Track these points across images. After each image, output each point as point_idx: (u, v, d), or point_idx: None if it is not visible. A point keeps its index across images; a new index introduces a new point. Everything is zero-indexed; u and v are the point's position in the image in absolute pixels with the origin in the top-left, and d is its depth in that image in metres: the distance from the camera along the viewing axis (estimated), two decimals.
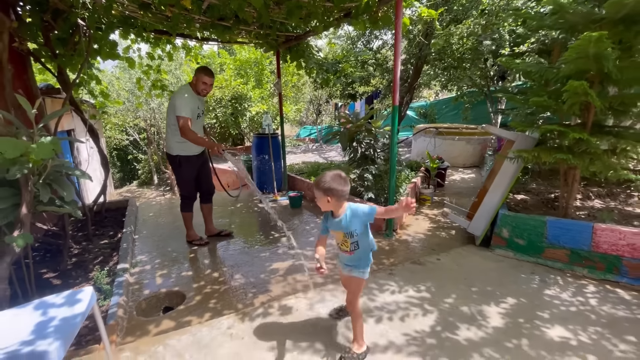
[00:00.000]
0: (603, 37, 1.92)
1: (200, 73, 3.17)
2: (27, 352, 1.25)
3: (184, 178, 3.34)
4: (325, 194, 1.67)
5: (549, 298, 2.35)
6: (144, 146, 11.26)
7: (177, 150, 3.21)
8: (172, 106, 3.10)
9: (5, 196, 2.05)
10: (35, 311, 1.54)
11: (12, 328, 1.43)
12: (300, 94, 11.64)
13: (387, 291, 2.50)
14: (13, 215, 2.08)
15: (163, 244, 3.63)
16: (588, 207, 3.25)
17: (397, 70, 3.17)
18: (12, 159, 1.95)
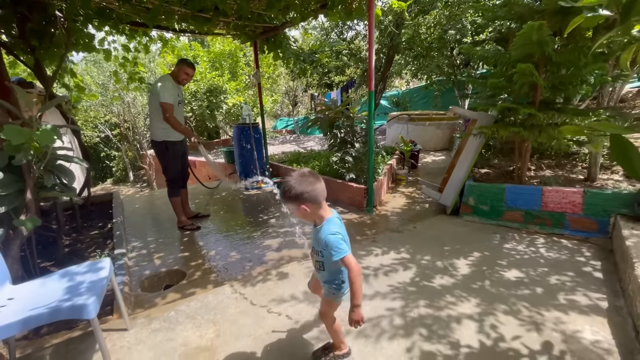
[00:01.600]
0: (543, 25, 2.29)
1: (184, 64, 3.44)
2: (68, 306, 1.43)
3: (172, 162, 3.49)
4: (298, 203, 1.36)
5: (507, 250, 2.77)
6: (116, 142, 10.95)
7: (161, 136, 3.40)
8: (155, 94, 3.30)
9: (10, 182, 2.14)
10: (62, 278, 1.70)
11: (45, 292, 1.60)
12: (276, 85, 11.73)
13: (372, 254, 2.82)
14: (18, 201, 2.18)
15: (155, 231, 3.76)
16: (540, 176, 3.73)
17: (371, 57, 3.46)
18: (16, 145, 2.06)
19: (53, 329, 2.12)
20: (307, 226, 3.58)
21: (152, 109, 3.38)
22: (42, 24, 3.76)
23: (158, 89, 3.28)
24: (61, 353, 1.86)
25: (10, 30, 3.56)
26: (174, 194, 3.62)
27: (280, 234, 3.44)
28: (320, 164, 5.35)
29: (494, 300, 2.11)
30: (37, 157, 2.28)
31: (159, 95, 3.27)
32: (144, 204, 5.06)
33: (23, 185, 2.19)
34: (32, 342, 1.98)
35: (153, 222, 4.15)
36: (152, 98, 3.37)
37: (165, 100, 3.26)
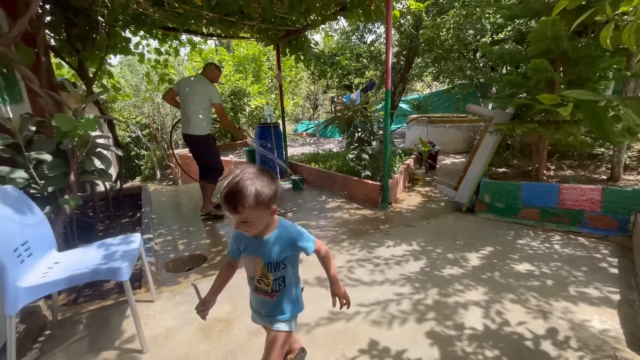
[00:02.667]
0: (557, 21, 2.31)
1: (218, 70, 3.94)
2: (106, 268, 1.62)
3: (217, 152, 3.90)
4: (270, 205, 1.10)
5: (520, 245, 2.76)
6: (146, 142, 11.56)
7: (207, 130, 3.79)
8: (206, 93, 3.69)
9: (57, 165, 2.41)
10: (99, 248, 1.91)
11: (85, 258, 1.80)
12: (297, 89, 12.00)
13: (383, 246, 2.90)
14: (63, 182, 2.43)
15: (179, 220, 4.00)
16: (560, 176, 3.67)
17: (388, 55, 3.55)
18: (64, 132, 2.32)
19: (88, 299, 2.35)
20: (323, 219, 3.70)
21: (201, 105, 3.68)
22: (86, 28, 4.14)
23: (209, 89, 3.70)
24: (96, 317, 2.07)
25: (58, 35, 3.94)
26: (214, 180, 3.94)
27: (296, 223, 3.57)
28: (338, 162, 5.47)
29: (502, 289, 2.13)
30: (80, 144, 2.54)
31: (212, 95, 3.69)
32: (170, 197, 5.35)
33: (68, 168, 2.45)
34: (71, 308, 2.21)
35: (178, 212, 4.41)
36: (201, 96, 3.68)
37: (218, 101, 3.74)
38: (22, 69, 2.26)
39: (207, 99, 3.69)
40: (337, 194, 4.77)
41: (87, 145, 2.57)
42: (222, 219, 3.93)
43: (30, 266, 1.63)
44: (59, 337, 1.88)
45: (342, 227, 3.42)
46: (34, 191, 2.32)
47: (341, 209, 4.10)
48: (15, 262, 1.50)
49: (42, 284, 1.52)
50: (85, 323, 2.02)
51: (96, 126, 2.40)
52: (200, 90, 3.69)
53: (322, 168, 5.40)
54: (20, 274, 1.51)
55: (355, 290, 2.20)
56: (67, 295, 2.38)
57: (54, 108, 2.45)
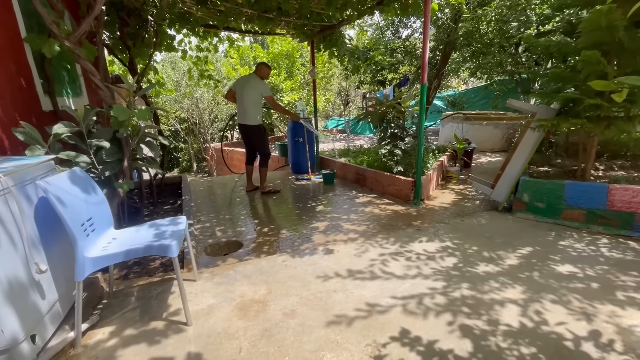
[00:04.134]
0: (613, 9, 2.18)
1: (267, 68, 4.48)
2: (158, 245, 1.77)
3: (267, 140, 4.57)
4: None
5: (562, 247, 2.64)
6: (184, 136, 12.14)
7: (259, 121, 4.44)
8: (257, 89, 4.29)
9: (113, 152, 2.63)
10: (150, 227, 2.08)
11: (139, 236, 1.98)
12: (329, 85, 12.03)
13: (415, 241, 2.89)
14: (118, 167, 2.66)
15: (216, 209, 4.20)
16: (609, 176, 3.43)
17: (425, 48, 3.50)
18: (120, 122, 2.53)
19: (137, 275, 2.56)
20: (353, 214, 3.74)
21: (251, 100, 4.29)
22: (136, 27, 4.44)
23: (259, 85, 4.29)
24: (145, 292, 2.25)
25: (112, 33, 4.27)
26: (266, 165, 4.65)
27: (327, 218, 3.64)
28: (369, 158, 5.46)
29: (542, 289, 2.07)
30: (133, 133, 2.76)
31: (262, 90, 4.29)
32: (206, 187, 5.61)
33: (122, 155, 2.67)
34: (123, 282, 2.43)
35: (214, 201, 4.63)
36: (254, 92, 4.27)
37: (269, 93, 4.36)
38: (87, 64, 2.49)
39: (258, 94, 4.28)
40: (368, 189, 4.78)
41: (139, 135, 2.78)
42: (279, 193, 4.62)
43: (93, 240, 1.81)
44: (114, 307, 2.08)
45: (373, 222, 3.44)
46: (92, 175, 2.56)
47: (372, 203, 4.11)
48: (82, 235, 1.68)
49: (105, 256, 1.69)
50: (136, 296, 2.22)
51: (147, 117, 2.60)
52: (253, 86, 4.26)
53: (353, 163, 5.41)
54: (87, 246, 1.70)
55: (389, 282, 2.23)
56: (119, 271, 2.61)
57: (111, 100, 2.68)
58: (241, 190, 5.08)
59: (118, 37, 4.26)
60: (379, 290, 2.13)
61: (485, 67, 8.60)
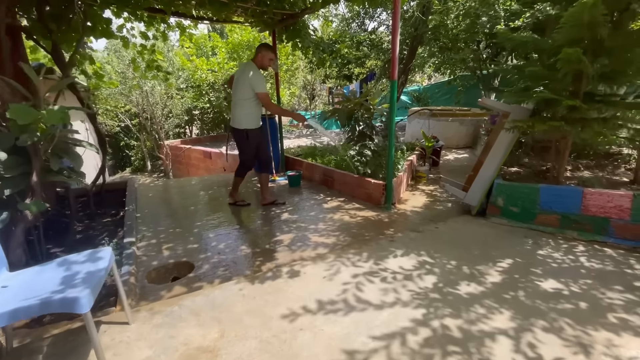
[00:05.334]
0: (598, 3, 2.00)
1: (266, 50, 3.46)
2: (59, 299, 1.31)
3: (249, 149, 3.60)
4: None
5: (541, 257, 2.50)
6: (136, 132, 11.08)
7: (244, 124, 3.47)
8: (248, 83, 3.33)
9: (15, 164, 2.07)
10: (59, 267, 1.60)
11: (40, 281, 1.49)
12: (294, 78, 11.55)
13: (390, 256, 2.62)
14: (24, 183, 2.10)
15: (166, 220, 3.66)
16: (578, 177, 3.40)
17: (395, 43, 3.22)
18: (23, 126, 1.97)
19: (55, 318, 2.03)
20: (322, 222, 3.41)
21: (242, 96, 3.40)
22: (60, 7, 3.72)
23: (253, 77, 3.30)
24: (59, 345, 1.76)
25: (28, 13, 3.53)
26: (240, 174, 3.81)
27: (293, 228, 3.28)
28: (337, 158, 5.15)
29: (531, 314, 1.87)
30: (45, 139, 2.20)
31: (254, 83, 3.31)
32: (158, 193, 5.00)
33: (29, 167, 2.11)
34: (32, 331, 1.90)
35: (166, 211, 4.08)
36: (243, 85, 3.36)
37: (261, 90, 3.34)
38: None
39: (249, 89, 3.35)
40: (337, 191, 4.48)
41: (53, 141, 2.22)
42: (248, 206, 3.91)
43: None
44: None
45: (343, 232, 3.13)
46: None
47: (341, 209, 3.81)
48: None
49: None
50: (46, 352, 1.72)
51: (61, 118, 2.05)
52: (244, 79, 3.36)
53: (319, 163, 5.08)
54: None
55: (365, 314, 1.92)
56: None
57: (11, 97, 2.09)
58: (196, 196, 4.56)
59: (37, 18, 3.53)
60: (354, 326, 1.82)
61: (449, 62, 8.63)
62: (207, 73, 9.45)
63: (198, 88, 9.54)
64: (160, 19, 4.79)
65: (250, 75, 3.30)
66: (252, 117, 3.48)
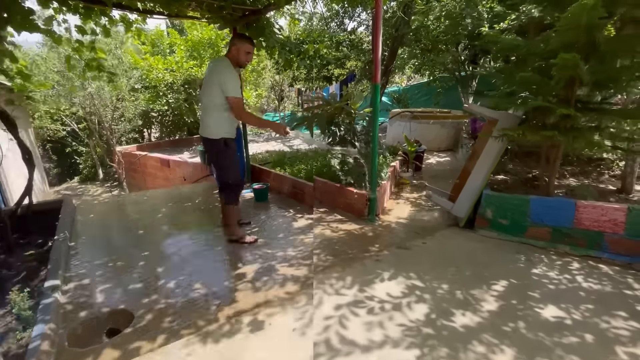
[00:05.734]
0: (598, 4, 1.83)
1: (241, 41, 2.74)
2: None
3: (233, 163, 2.89)
4: None
5: (537, 277, 2.33)
6: (84, 137, 10.22)
7: (220, 132, 2.79)
8: (217, 84, 2.67)
9: None
10: None
11: None
12: (261, 78, 11.08)
13: (377, 279, 2.37)
14: None
15: (107, 251, 3.07)
16: (564, 186, 3.30)
17: (377, 44, 2.99)
18: None
19: None
20: (292, 246, 3.04)
21: (212, 100, 2.75)
22: None
23: (221, 78, 2.65)
24: None
25: None
26: (234, 200, 2.98)
27: (259, 256, 2.82)
28: (307, 167, 4.74)
29: (535, 351, 1.67)
30: None
31: (221, 86, 2.66)
32: (104, 212, 4.34)
33: None
34: None
35: (108, 236, 3.50)
36: (211, 87, 2.72)
37: (233, 94, 2.65)
38: None
39: (219, 92, 2.68)
40: (307, 206, 4.01)
41: None
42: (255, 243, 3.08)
43: None
44: None
45: (325, 250, 2.85)
46: None
47: (322, 221, 3.53)
48: None
49: None
50: None
51: None
52: (211, 78, 2.71)
53: (289, 175, 4.65)
54: None
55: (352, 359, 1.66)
56: None
57: None
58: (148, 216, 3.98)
59: None
60: None
61: (428, 64, 8.55)
62: (164, 73, 8.81)
63: (154, 89, 8.86)
64: (99, 11, 4.22)
65: (220, 75, 2.64)
66: (228, 122, 2.81)
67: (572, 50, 2.28)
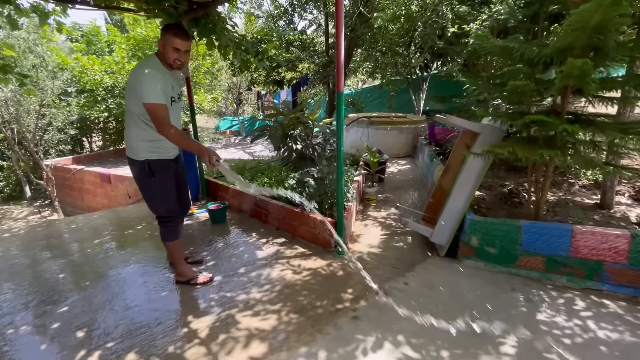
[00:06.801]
0: (619, 1, 1.46)
1: (167, 34, 2.04)
2: None
3: (162, 191, 2.26)
4: None
5: (545, 326, 1.95)
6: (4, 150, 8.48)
7: (143, 152, 2.16)
8: (133, 89, 2.04)
9: None
10: None
11: None
12: (216, 81, 10.14)
13: (358, 351, 1.81)
14: None
15: (9, 309, 2.28)
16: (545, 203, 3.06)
17: (340, 47, 2.46)
18: None
19: None
20: (256, 286, 2.45)
21: (132, 111, 2.12)
22: None
23: (137, 81, 2.01)
24: None
25: None
26: (170, 235, 2.39)
27: (215, 303, 2.25)
28: (271, 180, 4.20)
29: None
30: None
31: (136, 92, 2.00)
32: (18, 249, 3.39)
33: None
34: None
35: (17, 287, 2.61)
36: (130, 94, 2.10)
37: (150, 100, 1.98)
38: None
39: (135, 97, 2.04)
40: (273, 227, 3.56)
41: None
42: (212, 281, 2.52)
43: None
44: None
45: (285, 304, 2.23)
46: None
47: (280, 258, 2.91)
48: None
49: None
50: None
51: None
52: (130, 82, 2.08)
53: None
54: None
55: None
56: None
57: None
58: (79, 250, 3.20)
59: None
60: None
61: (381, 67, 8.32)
62: (102, 74, 7.55)
63: (91, 93, 7.57)
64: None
65: (136, 76, 2.03)
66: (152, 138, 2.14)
67: (570, 54, 1.94)
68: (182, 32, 2.09)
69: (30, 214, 7.59)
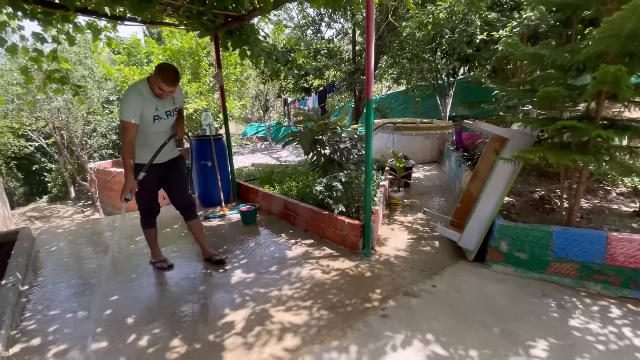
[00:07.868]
0: None
1: (159, 75, 2.42)
2: None
3: (140, 191, 2.64)
4: None
5: (579, 333, 1.94)
6: (54, 154, 9.22)
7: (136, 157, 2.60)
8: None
9: None
10: None
11: None
12: (245, 88, 10.53)
13: (388, 347, 1.88)
14: None
15: (66, 295, 2.57)
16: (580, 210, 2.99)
17: (370, 55, 2.57)
18: None
19: None
20: (287, 283, 2.58)
21: None
22: None
23: (122, 100, 2.53)
24: None
25: None
26: (145, 225, 2.92)
27: (248, 297, 2.39)
28: (299, 184, 4.36)
29: None
30: None
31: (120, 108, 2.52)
32: (70, 242, 3.76)
33: None
34: None
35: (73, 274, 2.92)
36: None
37: (123, 117, 2.42)
38: None
39: None
40: (302, 229, 3.70)
41: None
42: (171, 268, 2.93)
43: None
44: None
45: (316, 301, 2.34)
46: None
47: (309, 258, 3.03)
48: None
49: None
50: None
51: None
52: None
53: (279, 193, 4.25)
54: None
55: None
56: None
57: None
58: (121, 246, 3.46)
59: None
60: None
61: (406, 73, 8.33)
62: None
63: None
64: (61, 16, 3.66)
65: (123, 96, 2.54)
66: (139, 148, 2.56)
67: (603, 61, 1.95)
68: (170, 79, 2.43)
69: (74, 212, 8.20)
